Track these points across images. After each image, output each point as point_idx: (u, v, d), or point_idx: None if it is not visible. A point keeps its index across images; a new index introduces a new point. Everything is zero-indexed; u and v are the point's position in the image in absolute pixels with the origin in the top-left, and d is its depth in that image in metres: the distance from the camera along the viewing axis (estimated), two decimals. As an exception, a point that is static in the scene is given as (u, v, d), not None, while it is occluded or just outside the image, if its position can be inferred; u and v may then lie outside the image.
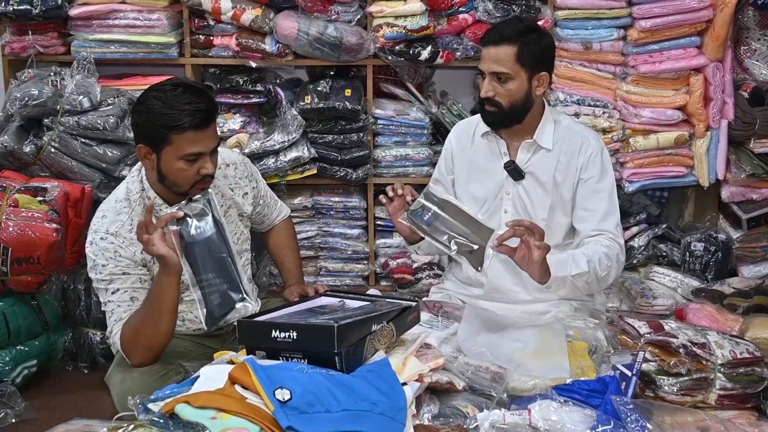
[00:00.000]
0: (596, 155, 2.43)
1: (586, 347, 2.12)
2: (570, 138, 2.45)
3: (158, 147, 2.14)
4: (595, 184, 2.42)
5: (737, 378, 2.04)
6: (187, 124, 2.11)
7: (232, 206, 2.46)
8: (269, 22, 3.36)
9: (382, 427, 1.58)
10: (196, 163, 2.16)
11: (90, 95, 3.13)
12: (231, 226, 2.43)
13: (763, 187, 3.48)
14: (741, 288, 3.11)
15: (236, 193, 2.47)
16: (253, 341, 1.80)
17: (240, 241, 2.48)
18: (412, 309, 1.99)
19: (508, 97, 2.35)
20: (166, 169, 2.17)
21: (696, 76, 3.38)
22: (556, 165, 2.44)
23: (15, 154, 3.12)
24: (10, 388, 2.71)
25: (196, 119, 2.12)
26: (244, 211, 2.50)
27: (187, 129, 2.11)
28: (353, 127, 3.44)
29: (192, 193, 2.21)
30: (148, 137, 2.14)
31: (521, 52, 2.31)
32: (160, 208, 2.25)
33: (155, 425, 1.60)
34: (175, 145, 2.12)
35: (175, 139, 2.12)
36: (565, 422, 1.71)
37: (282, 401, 1.53)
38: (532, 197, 2.47)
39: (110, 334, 2.20)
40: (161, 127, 2.11)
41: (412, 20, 3.33)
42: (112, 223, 2.21)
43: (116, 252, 2.18)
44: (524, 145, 2.46)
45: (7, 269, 2.81)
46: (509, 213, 2.49)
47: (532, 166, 2.46)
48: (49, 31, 3.44)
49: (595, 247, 2.34)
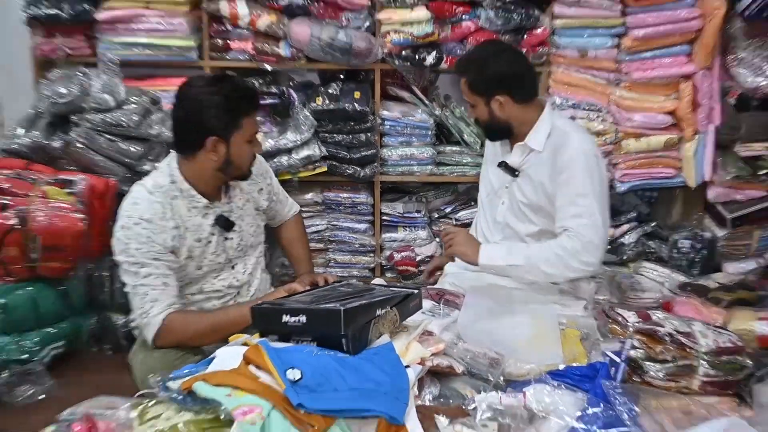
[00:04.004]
0: (578, 156, 2.42)
1: (578, 335, 2.13)
2: (558, 139, 2.48)
3: (229, 135, 2.21)
4: (568, 182, 2.42)
5: (720, 366, 2.04)
6: (253, 106, 2.26)
7: (250, 200, 2.48)
8: (283, 28, 3.37)
9: (386, 406, 1.58)
10: (252, 143, 2.29)
11: (114, 94, 3.14)
12: (248, 218, 2.46)
13: (747, 188, 3.48)
14: (725, 283, 3.11)
15: (253, 189, 2.49)
16: (266, 326, 1.81)
17: (256, 234, 2.51)
18: (414, 296, 2.00)
19: (480, 119, 2.55)
20: (235, 155, 2.25)
21: (685, 82, 3.38)
22: (545, 166, 2.49)
23: (44, 149, 3.13)
24: (39, 367, 2.73)
25: (256, 101, 2.28)
26: (260, 205, 2.53)
27: (252, 111, 2.25)
28: (361, 127, 3.45)
29: (247, 173, 2.33)
30: (220, 128, 2.19)
31: (471, 83, 2.49)
32: (193, 199, 2.29)
33: (174, 402, 1.62)
34: (244, 128, 2.23)
35: (244, 123, 2.22)
36: (557, 404, 1.72)
37: (293, 380, 1.54)
38: (523, 194, 2.55)
39: (145, 314, 2.20)
40: (234, 114, 2.19)
41: (418, 27, 3.34)
42: (146, 210, 2.22)
43: (149, 237, 2.20)
44: (518, 148, 2.55)
45: (37, 256, 2.82)
46: (505, 204, 2.63)
47: (526, 165, 2.53)
48: (77, 34, 3.46)
49: (548, 246, 2.41)
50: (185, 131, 2.24)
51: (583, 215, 2.38)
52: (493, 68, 2.46)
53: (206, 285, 2.39)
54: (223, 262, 2.40)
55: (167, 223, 2.23)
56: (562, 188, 2.42)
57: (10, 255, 2.81)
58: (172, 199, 2.27)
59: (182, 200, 2.28)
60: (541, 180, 2.48)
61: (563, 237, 2.39)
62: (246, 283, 2.47)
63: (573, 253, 2.36)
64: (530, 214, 2.54)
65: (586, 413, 1.67)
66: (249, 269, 2.48)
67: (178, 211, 2.27)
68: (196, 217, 2.30)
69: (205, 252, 2.33)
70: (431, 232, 3.64)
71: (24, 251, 2.81)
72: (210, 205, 2.33)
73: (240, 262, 2.46)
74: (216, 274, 2.40)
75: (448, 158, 3.58)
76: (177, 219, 2.26)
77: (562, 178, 2.42)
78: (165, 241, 2.22)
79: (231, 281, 2.43)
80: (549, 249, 2.40)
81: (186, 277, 2.34)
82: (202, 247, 2.32)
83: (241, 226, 2.42)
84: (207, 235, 2.33)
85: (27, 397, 2.61)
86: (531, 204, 2.53)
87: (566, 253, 2.36)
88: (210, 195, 2.33)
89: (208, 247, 2.34)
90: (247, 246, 2.47)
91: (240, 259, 2.46)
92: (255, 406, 1.48)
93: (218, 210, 2.35)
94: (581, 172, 2.40)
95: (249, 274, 2.48)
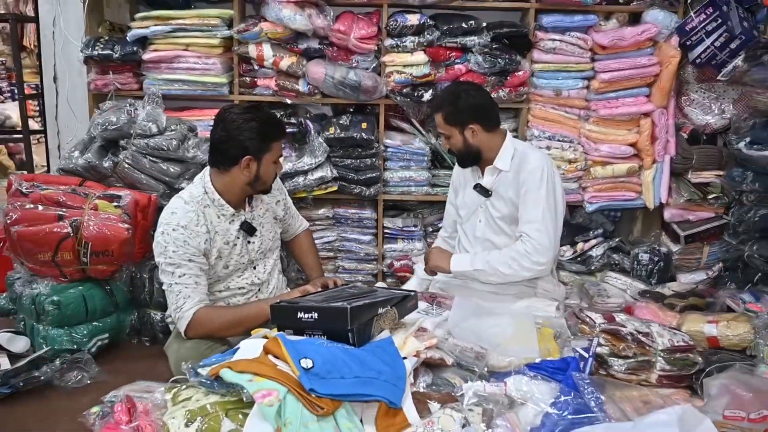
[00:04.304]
0: (535, 171, 2.44)
1: (552, 333, 2.12)
2: (520, 160, 2.50)
3: (261, 155, 2.25)
4: (526, 194, 2.45)
5: (674, 362, 2.03)
6: (281, 133, 2.31)
7: (269, 210, 2.49)
8: (302, 68, 3.38)
9: (386, 392, 1.58)
10: (276, 164, 2.33)
11: (157, 123, 3.15)
12: (268, 225, 2.47)
13: (698, 210, 3.47)
14: (678, 291, 3.10)
15: (272, 201, 2.51)
16: (283, 321, 1.81)
17: (274, 239, 2.52)
18: (411, 297, 2.00)
19: (455, 148, 2.55)
20: (263, 172, 2.29)
21: (645, 119, 3.38)
22: (512, 183, 2.50)
23: (96, 169, 3.14)
24: (87, 356, 2.71)
25: (283, 129, 2.34)
26: (278, 215, 2.54)
27: (280, 137, 2.30)
28: (367, 153, 3.44)
29: (269, 188, 2.38)
30: (254, 149, 2.24)
31: (445, 117, 2.50)
32: (222, 208, 2.30)
33: (203, 386, 1.62)
34: (273, 151, 2.28)
35: (273, 147, 2.28)
36: (534, 392, 1.71)
37: (306, 368, 1.54)
38: (497, 209, 2.56)
39: (178, 309, 2.19)
40: (267, 138, 2.25)
41: (417, 69, 3.35)
42: (182, 218, 2.24)
43: (185, 242, 2.21)
44: (488, 170, 2.57)
45: (87, 260, 2.82)
46: (482, 222, 2.62)
47: (496, 185, 2.55)
48: (126, 72, 3.47)
49: (505, 251, 2.45)
50: (224, 149, 2.25)
51: (535, 221, 2.41)
52: (464, 101, 2.48)
53: (231, 282, 2.39)
54: (246, 262, 2.40)
55: (200, 229, 2.24)
56: (522, 199, 2.46)
57: (64, 259, 2.81)
58: (204, 208, 2.28)
59: (213, 209, 2.29)
60: (510, 196, 2.51)
61: (518, 242, 2.43)
62: (265, 282, 2.47)
63: (525, 254, 2.39)
64: (505, 227, 2.55)
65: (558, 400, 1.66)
66: (268, 269, 2.48)
67: (209, 218, 2.28)
68: (225, 223, 2.31)
69: (232, 253, 2.34)
70: (426, 244, 3.64)
71: (76, 255, 2.81)
72: (236, 213, 2.33)
73: (260, 263, 2.46)
74: (240, 273, 2.40)
75: (441, 180, 3.58)
76: (208, 225, 2.27)
77: (522, 191, 2.46)
78: (198, 244, 2.23)
79: (253, 279, 2.43)
80: (506, 254, 2.44)
81: (215, 276, 2.34)
82: (229, 249, 2.33)
83: (261, 231, 2.43)
84: (233, 238, 2.34)
85: (76, 381, 2.59)
86: (504, 218, 2.54)
87: (519, 255, 2.40)
88: (236, 205, 2.35)
89: (234, 249, 2.34)
90: (267, 249, 2.48)
91: (260, 261, 2.46)
92: (273, 390, 1.48)
93: (243, 217, 2.36)
94: (536, 185, 2.43)
95: (268, 273, 2.48)
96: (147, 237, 3.11)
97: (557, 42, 3.31)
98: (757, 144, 3.14)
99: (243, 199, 2.37)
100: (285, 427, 1.42)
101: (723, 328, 2.37)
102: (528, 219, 2.42)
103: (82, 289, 2.88)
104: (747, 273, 3.28)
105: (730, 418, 1.74)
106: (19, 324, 2.97)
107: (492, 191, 2.56)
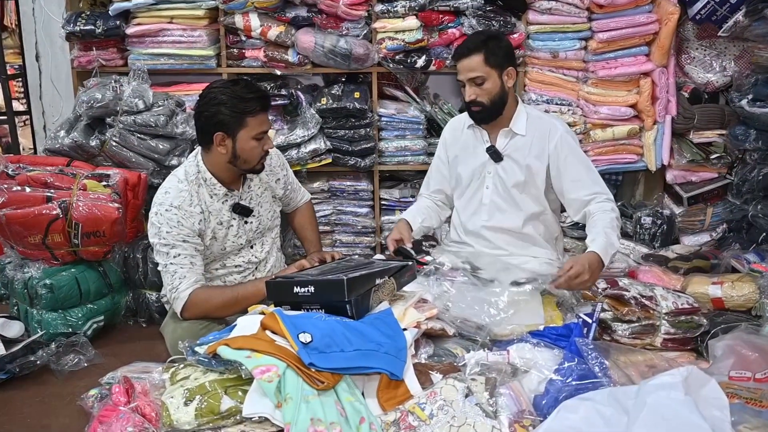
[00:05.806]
0: (564, 137, 2.40)
1: (554, 299, 2.12)
2: (539, 125, 2.43)
3: (235, 131, 2.17)
4: (572, 157, 2.39)
5: (679, 324, 2.03)
6: (258, 107, 2.18)
7: (268, 189, 2.46)
8: (291, 37, 3.33)
9: (387, 364, 1.58)
10: (261, 141, 2.23)
11: (144, 98, 3.11)
12: (266, 205, 2.45)
13: (700, 171, 3.46)
14: (682, 253, 3.10)
15: (271, 179, 2.47)
16: (279, 297, 1.80)
17: (272, 218, 2.49)
18: (408, 267, 2.00)
19: (488, 95, 2.37)
20: (241, 150, 2.21)
21: (645, 79, 3.35)
22: (530, 149, 2.42)
23: (83, 148, 3.11)
24: (82, 338, 2.72)
25: (263, 103, 2.20)
26: (277, 194, 2.51)
27: (258, 112, 2.18)
28: (361, 123, 3.41)
29: (258, 168, 2.27)
30: (225, 124, 2.16)
31: (487, 57, 2.34)
32: (214, 187, 2.27)
33: (201, 364, 1.61)
34: (249, 126, 2.18)
35: (249, 122, 2.17)
36: (537, 360, 1.72)
37: (304, 343, 1.54)
38: (509, 175, 2.45)
39: (174, 290, 2.18)
40: (239, 113, 2.15)
41: (409, 34, 3.30)
42: (176, 198, 2.21)
43: (179, 222, 2.19)
44: (502, 133, 2.45)
45: (78, 241, 2.81)
46: (490, 189, 2.50)
47: (509, 149, 2.45)
48: (110, 47, 3.43)
49: (607, 216, 2.29)
50: (199, 126, 2.23)
51: (598, 180, 2.40)
52: (506, 42, 2.43)
53: (228, 261, 2.38)
54: (244, 243, 2.38)
55: (194, 209, 2.22)
56: (570, 166, 2.39)
57: (55, 241, 2.79)
58: (198, 187, 2.26)
59: (205, 188, 2.27)
60: (527, 163, 2.42)
61: (602, 202, 2.34)
62: (263, 260, 2.46)
63: (613, 210, 2.33)
64: (516, 195, 2.45)
65: (562, 367, 1.66)
66: (266, 248, 2.47)
67: (202, 198, 2.26)
68: (217, 203, 2.29)
69: (228, 234, 2.32)
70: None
71: (67, 237, 2.79)
72: (228, 193, 2.31)
73: (258, 243, 2.44)
74: (237, 252, 2.39)
75: (437, 149, 3.56)
76: (201, 205, 2.25)
77: (564, 156, 2.38)
78: (192, 224, 2.21)
79: (250, 258, 2.41)
80: (603, 220, 2.27)
81: (211, 255, 2.33)
82: (224, 230, 2.31)
83: (259, 211, 2.41)
84: (227, 219, 2.31)
85: (73, 365, 2.60)
86: (518, 185, 2.44)
87: (615, 212, 2.33)
88: (229, 184, 2.31)
89: (230, 230, 2.32)
90: (265, 228, 2.45)
91: (258, 240, 2.44)
92: (272, 365, 1.48)
93: (236, 198, 2.33)
94: (577, 148, 2.42)
95: (266, 252, 2.46)
96: (138, 216, 3.10)
97: (553, 2, 3.26)
98: (760, 101, 3.12)
99: (237, 178, 2.33)
100: (285, 403, 1.42)
101: (728, 289, 2.37)
102: (593, 179, 2.38)
103: (75, 272, 2.87)
104: (751, 233, 3.28)
105: (735, 379, 1.75)
106: (12, 309, 2.97)
107: (504, 156, 2.49)
